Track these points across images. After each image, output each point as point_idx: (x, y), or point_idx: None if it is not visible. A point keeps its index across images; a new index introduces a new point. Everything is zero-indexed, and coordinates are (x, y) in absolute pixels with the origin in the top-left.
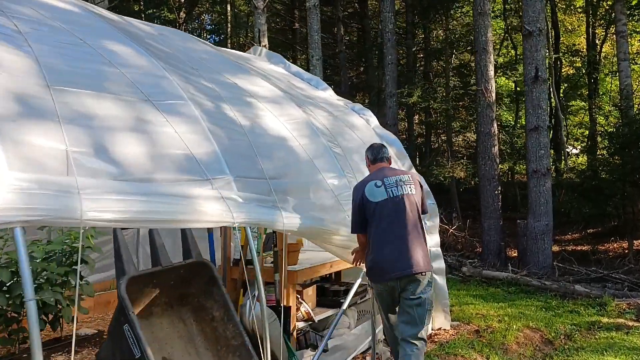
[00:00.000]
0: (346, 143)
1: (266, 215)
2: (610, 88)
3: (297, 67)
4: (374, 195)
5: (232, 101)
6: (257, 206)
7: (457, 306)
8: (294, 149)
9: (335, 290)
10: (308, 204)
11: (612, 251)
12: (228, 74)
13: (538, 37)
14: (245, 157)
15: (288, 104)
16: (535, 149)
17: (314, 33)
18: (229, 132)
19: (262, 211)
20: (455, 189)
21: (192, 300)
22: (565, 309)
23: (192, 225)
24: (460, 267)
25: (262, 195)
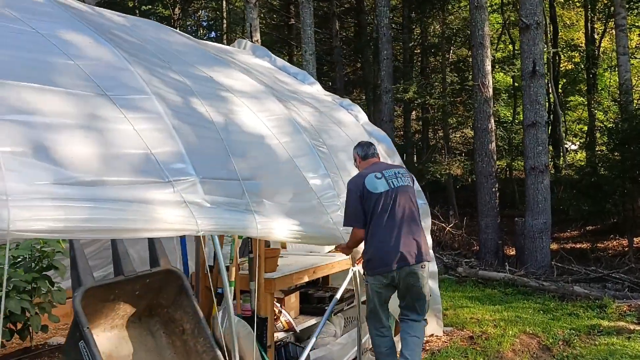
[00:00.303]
0: (332, 141)
1: (237, 221)
2: (609, 83)
3: (283, 61)
4: (375, 186)
5: (205, 95)
6: (227, 211)
7: (451, 310)
8: (272, 147)
9: (320, 296)
10: (287, 207)
11: (611, 249)
12: (203, 67)
13: (536, 31)
14: (215, 157)
15: (268, 99)
16: (533, 145)
17: (307, 27)
18: (198, 129)
19: (233, 216)
20: (452, 186)
21: (161, 311)
22: (564, 311)
23: (146, 235)
24: (457, 267)
25: (234, 198)
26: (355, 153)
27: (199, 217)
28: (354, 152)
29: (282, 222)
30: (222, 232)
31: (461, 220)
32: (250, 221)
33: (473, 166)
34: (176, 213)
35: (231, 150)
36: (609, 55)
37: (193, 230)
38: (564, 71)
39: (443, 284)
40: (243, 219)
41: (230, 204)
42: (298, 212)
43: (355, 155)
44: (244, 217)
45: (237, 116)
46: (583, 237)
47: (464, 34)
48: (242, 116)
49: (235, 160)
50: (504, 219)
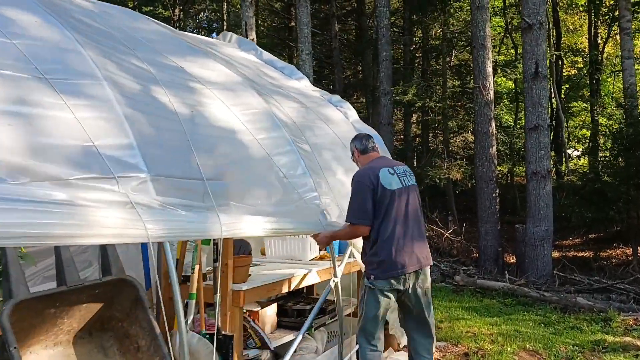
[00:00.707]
0: (317, 139)
1: (197, 223)
2: (613, 89)
3: (270, 55)
4: (389, 182)
5: (170, 85)
6: (185, 213)
7: (446, 322)
8: (246, 143)
9: (300, 309)
10: (260, 208)
11: (615, 258)
12: (175, 56)
13: (539, 31)
14: (174, 152)
15: (246, 92)
16: (535, 149)
17: (304, 27)
18: (156, 119)
19: (191, 218)
20: (452, 191)
21: (115, 325)
22: (567, 324)
23: (81, 242)
24: (454, 275)
25: (194, 200)
26: (354, 146)
27: (148, 220)
28: (352, 145)
29: (254, 222)
30: (177, 238)
31: (460, 226)
32: (213, 222)
33: (473, 171)
34: (119, 215)
35: (195, 145)
36: (612, 61)
37: (140, 235)
38: (567, 76)
39: (439, 293)
40: (204, 220)
41: (189, 206)
42: (273, 214)
43: (354, 148)
44: (206, 217)
45: (206, 108)
46: (586, 245)
47: (466, 36)
48: (212, 109)
49: (199, 156)
50: (504, 225)
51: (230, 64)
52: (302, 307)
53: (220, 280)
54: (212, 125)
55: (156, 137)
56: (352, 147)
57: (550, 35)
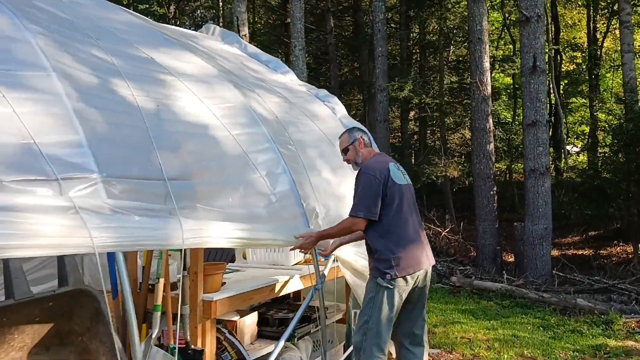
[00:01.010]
0: (301, 135)
1: (154, 230)
2: (612, 85)
3: (255, 48)
4: (398, 177)
5: (135, 77)
6: (142, 218)
7: (440, 326)
8: (219, 139)
9: (282, 317)
10: (231, 212)
11: (615, 256)
12: (146, 47)
13: (536, 24)
14: (133, 150)
15: (222, 85)
16: (533, 145)
17: (297, 21)
18: (113, 115)
19: (148, 224)
20: (449, 188)
21: (74, 340)
22: (567, 327)
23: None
24: (451, 275)
25: (153, 202)
26: (359, 136)
27: (94, 228)
28: (358, 135)
29: (222, 228)
30: (129, 247)
31: (458, 224)
32: (174, 229)
33: (470, 168)
34: (61, 223)
35: (159, 142)
36: (611, 56)
37: (83, 245)
38: (566, 72)
39: (435, 294)
40: (163, 227)
41: (147, 210)
42: (246, 217)
43: (360, 139)
44: (165, 224)
45: (175, 102)
46: (585, 242)
47: (464, 31)
48: (182, 102)
49: (162, 154)
50: (503, 223)
51: (210, 57)
52: (285, 316)
53: (190, 290)
54: (181, 120)
55: (111, 134)
56: (359, 137)
57: (549, 30)
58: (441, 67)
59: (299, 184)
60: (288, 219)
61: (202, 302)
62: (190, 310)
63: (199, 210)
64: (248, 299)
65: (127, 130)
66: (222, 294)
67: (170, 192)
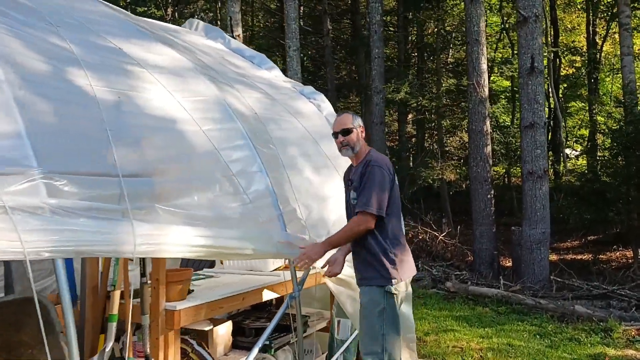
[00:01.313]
0: (282, 132)
1: (100, 235)
2: (611, 89)
3: (239, 43)
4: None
5: (97, 67)
6: (88, 220)
7: (432, 334)
8: (188, 134)
9: (259, 327)
10: (196, 213)
11: (615, 261)
12: (116, 38)
13: (534, 24)
14: (85, 144)
15: (196, 78)
16: (531, 148)
17: (291, 22)
18: (64, 106)
19: (95, 228)
20: (446, 192)
21: (24, 352)
22: (564, 335)
23: None
24: (447, 281)
25: (105, 202)
26: (361, 125)
27: (27, 231)
28: (361, 122)
29: (183, 233)
30: (68, 253)
31: (455, 228)
32: (125, 233)
33: (468, 171)
34: None
35: (117, 135)
36: (610, 60)
37: (12, 251)
38: (565, 75)
39: (430, 300)
40: (113, 231)
41: (95, 211)
42: (213, 221)
43: (362, 127)
44: (116, 227)
45: (141, 94)
46: (584, 247)
47: (462, 33)
48: (149, 95)
49: (120, 149)
50: (501, 227)
51: (188, 51)
52: (263, 325)
53: (151, 299)
54: (145, 113)
55: (59, 126)
56: (360, 122)
57: (548, 33)
58: (438, 69)
59: (277, 184)
60: (262, 223)
61: (165, 312)
62: (151, 321)
63: (157, 212)
64: (217, 308)
65: (79, 122)
66: (187, 303)
67: (124, 190)
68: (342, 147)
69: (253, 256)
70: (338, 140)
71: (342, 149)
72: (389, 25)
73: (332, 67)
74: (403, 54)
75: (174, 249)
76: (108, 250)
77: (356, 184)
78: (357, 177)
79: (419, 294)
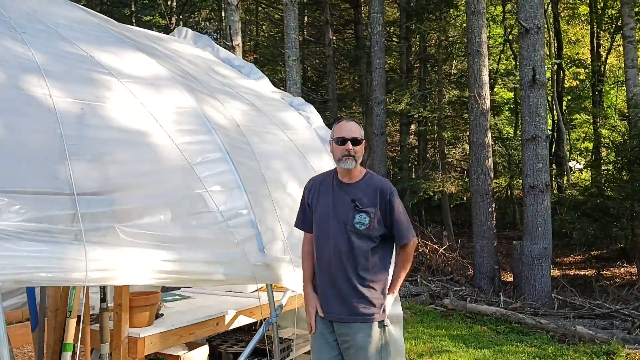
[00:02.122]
0: (266, 145)
1: (48, 260)
2: (615, 102)
3: (228, 52)
4: None
5: (59, 75)
6: (33, 244)
7: (426, 356)
8: (158, 148)
9: (237, 352)
10: (162, 234)
11: (618, 277)
12: (88, 45)
13: (536, 35)
14: (34, 159)
15: (173, 88)
16: (533, 161)
17: (291, 31)
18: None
19: (42, 253)
20: (448, 204)
21: None
22: (565, 358)
23: None
24: (445, 296)
25: (55, 223)
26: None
27: None
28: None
29: (145, 257)
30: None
31: (457, 241)
32: (75, 259)
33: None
34: None
35: (75, 150)
36: (614, 73)
37: None
38: (569, 88)
39: (426, 317)
40: (61, 256)
41: (43, 233)
42: (182, 242)
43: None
44: (64, 252)
45: (108, 105)
46: (587, 262)
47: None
48: (116, 105)
49: (77, 165)
50: (503, 241)
51: (170, 60)
52: (241, 349)
53: (114, 325)
54: (111, 126)
55: (6, 140)
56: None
57: (551, 45)
58: (440, 80)
59: (256, 200)
60: (236, 244)
61: (128, 339)
62: (112, 349)
63: (117, 233)
64: (187, 334)
65: (30, 136)
66: (153, 329)
67: (79, 210)
68: (347, 157)
69: (226, 282)
70: (345, 147)
71: (345, 159)
72: (391, 36)
73: (334, 77)
74: (405, 64)
75: (134, 276)
76: (54, 277)
77: (370, 209)
78: (369, 201)
79: (415, 311)
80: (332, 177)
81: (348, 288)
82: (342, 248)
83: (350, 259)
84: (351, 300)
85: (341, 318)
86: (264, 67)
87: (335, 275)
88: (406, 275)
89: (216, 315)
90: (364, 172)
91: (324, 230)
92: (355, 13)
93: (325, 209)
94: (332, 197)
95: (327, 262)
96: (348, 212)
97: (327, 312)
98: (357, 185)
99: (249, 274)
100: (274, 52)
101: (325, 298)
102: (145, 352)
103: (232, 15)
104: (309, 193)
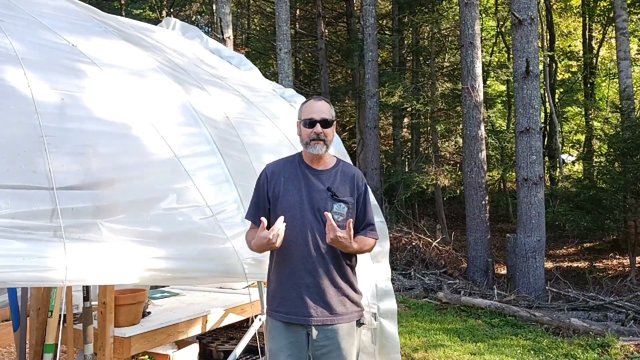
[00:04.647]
0: (256, 138)
1: (24, 259)
2: (607, 94)
3: (217, 43)
4: None
5: (40, 65)
6: (7, 242)
7: (421, 350)
8: (143, 141)
9: (228, 350)
10: (147, 230)
11: (611, 269)
12: (72, 35)
13: (529, 27)
14: (9, 153)
15: (159, 79)
16: (526, 153)
17: (282, 23)
18: None
19: (17, 251)
20: (441, 197)
21: None
22: (559, 351)
23: None
24: (439, 290)
25: (32, 219)
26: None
27: None
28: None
29: (128, 253)
30: None
31: (450, 234)
32: (55, 257)
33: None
34: None
35: (55, 142)
36: (606, 65)
37: None
38: (561, 80)
39: (421, 311)
40: (39, 254)
41: (18, 230)
42: (166, 237)
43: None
44: (42, 250)
45: (90, 96)
46: (580, 254)
47: (457, 36)
48: (99, 96)
49: (57, 158)
50: (496, 234)
51: (157, 50)
52: (231, 347)
53: (98, 325)
54: (93, 117)
55: None
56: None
57: (544, 37)
58: (433, 72)
59: (246, 195)
60: (226, 240)
61: (113, 339)
62: (97, 349)
63: (100, 229)
64: (175, 333)
65: (6, 128)
66: (139, 328)
67: (58, 205)
68: (316, 140)
69: (215, 279)
70: (313, 130)
71: (315, 143)
72: (384, 29)
73: (327, 70)
74: (398, 57)
75: (117, 275)
76: (30, 277)
77: (348, 198)
78: (345, 190)
79: (409, 305)
80: (297, 163)
81: (329, 285)
82: (323, 241)
83: (330, 252)
84: (333, 298)
85: (323, 321)
86: (255, 61)
87: (314, 271)
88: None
89: (205, 313)
90: (335, 159)
91: (295, 221)
92: (348, 6)
93: (295, 199)
94: (303, 184)
95: (301, 257)
96: (325, 201)
97: (305, 316)
98: (330, 173)
99: (239, 271)
100: (266, 46)
101: (297, 300)
102: (131, 352)
103: (223, 7)
104: (268, 182)
